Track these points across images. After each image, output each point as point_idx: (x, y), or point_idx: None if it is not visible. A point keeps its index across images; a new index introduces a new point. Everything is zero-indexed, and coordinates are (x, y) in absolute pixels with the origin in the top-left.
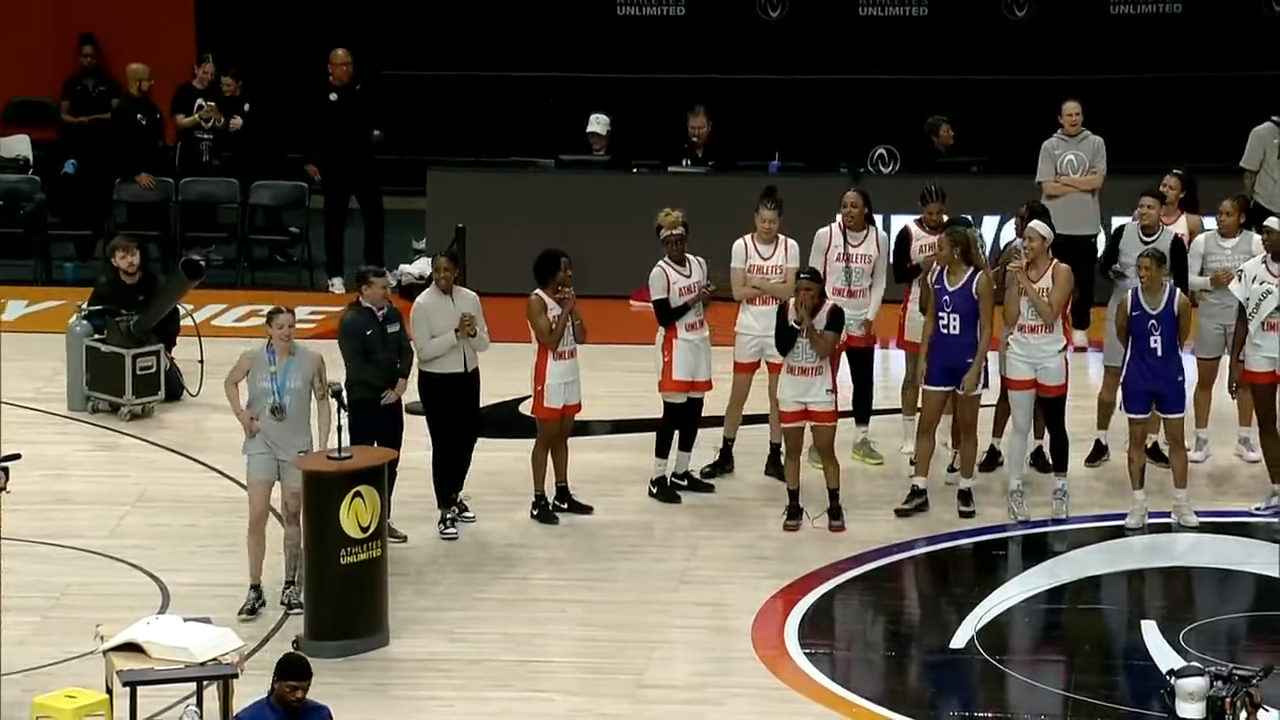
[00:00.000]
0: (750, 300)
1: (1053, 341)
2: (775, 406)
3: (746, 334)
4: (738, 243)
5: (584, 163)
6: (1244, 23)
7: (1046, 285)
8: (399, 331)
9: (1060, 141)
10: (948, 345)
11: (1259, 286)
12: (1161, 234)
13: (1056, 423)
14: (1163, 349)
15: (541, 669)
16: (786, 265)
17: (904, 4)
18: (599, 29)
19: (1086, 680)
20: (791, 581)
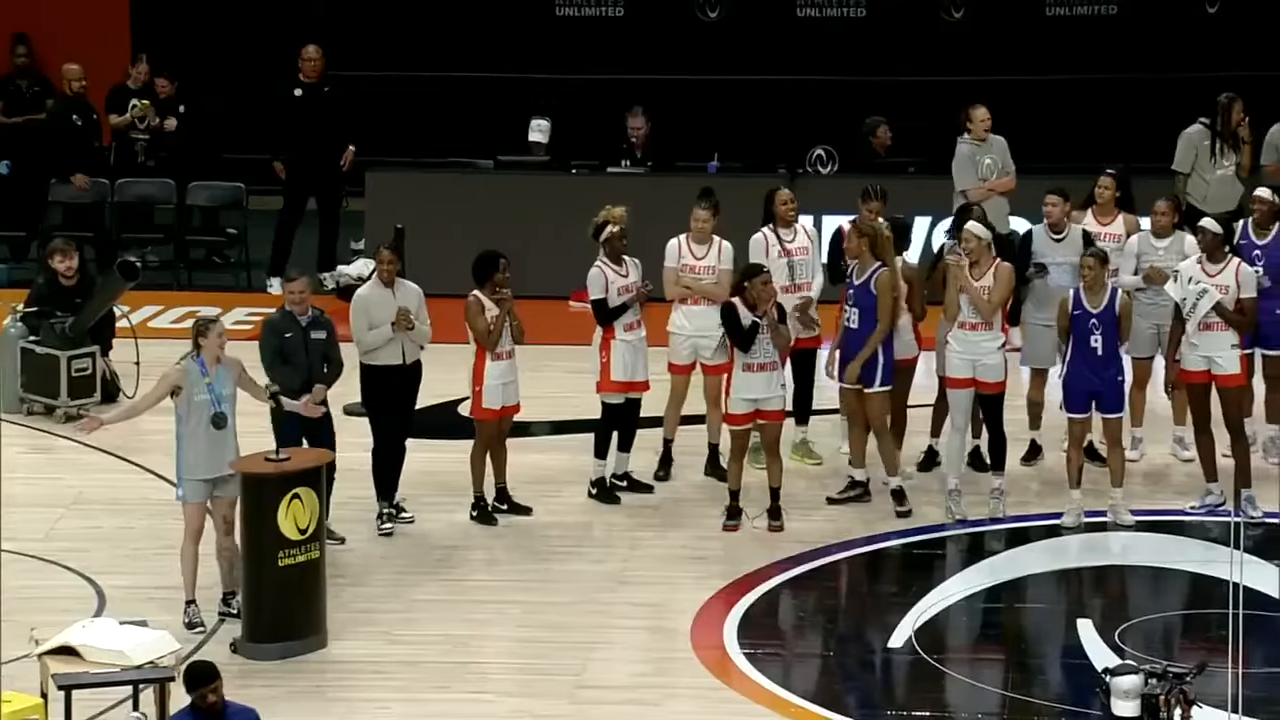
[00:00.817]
0: (682, 300)
1: (992, 339)
2: (712, 408)
3: (680, 334)
4: (671, 242)
5: (523, 163)
6: (1179, 25)
7: (989, 284)
8: (325, 340)
9: (974, 146)
10: (849, 340)
11: (1195, 287)
12: (1069, 231)
13: (995, 422)
14: (1104, 349)
15: (480, 670)
16: (719, 266)
17: (842, 5)
18: (538, 30)
19: (1023, 679)
20: (731, 582)
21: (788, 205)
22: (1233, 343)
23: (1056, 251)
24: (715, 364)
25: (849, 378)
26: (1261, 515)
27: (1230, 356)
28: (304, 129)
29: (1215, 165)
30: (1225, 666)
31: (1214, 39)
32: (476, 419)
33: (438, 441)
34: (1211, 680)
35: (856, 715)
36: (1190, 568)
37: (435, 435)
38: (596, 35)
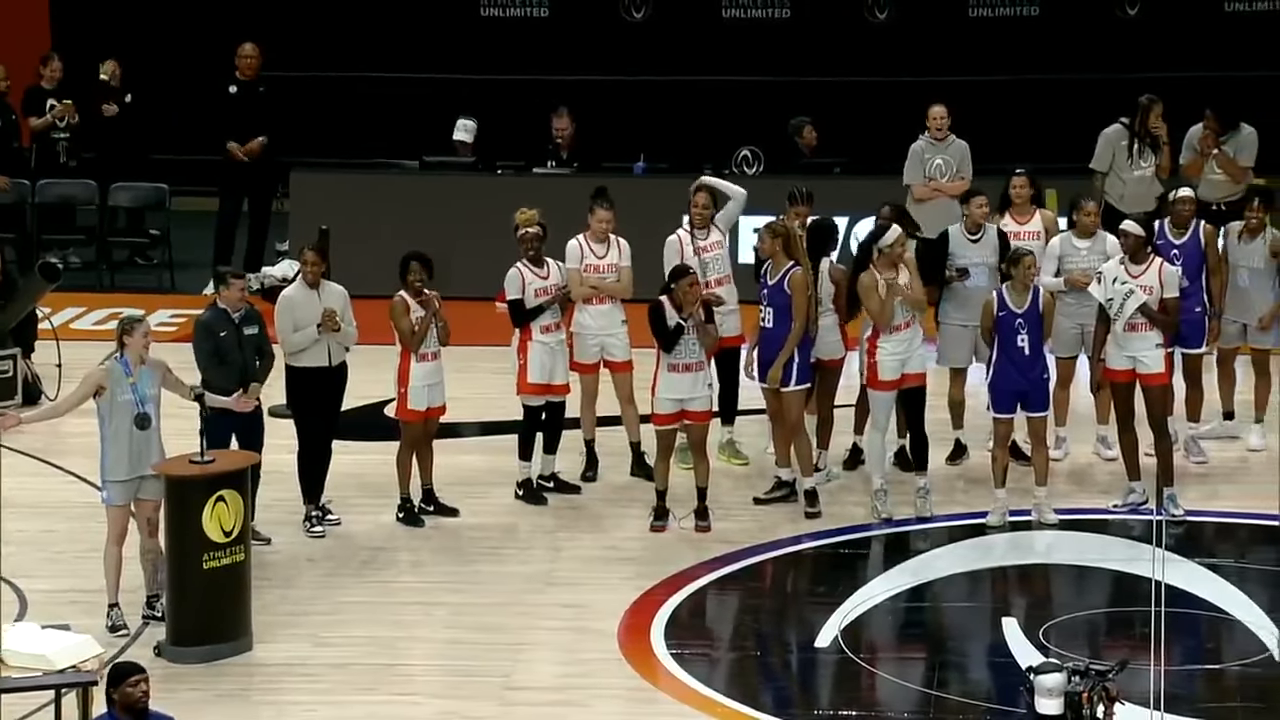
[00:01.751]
0: (587, 300)
1: (915, 334)
2: (626, 406)
3: (585, 334)
4: (571, 243)
5: (448, 164)
6: (1099, 26)
7: (905, 279)
8: (258, 334)
9: (928, 145)
10: (764, 339)
11: (1121, 288)
12: (985, 232)
13: (917, 420)
14: (1030, 348)
15: (406, 672)
16: (620, 264)
17: (767, 6)
18: (462, 30)
19: (949, 677)
20: (657, 582)
21: (700, 208)
22: (1157, 342)
23: (973, 252)
24: (621, 361)
25: (770, 379)
26: (1183, 514)
27: (1155, 355)
28: (237, 127)
29: (1133, 166)
30: (1147, 663)
31: (1134, 41)
32: (402, 420)
33: (363, 443)
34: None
35: (783, 715)
36: (1113, 566)
37: (361, 437)
38: (521, 36)
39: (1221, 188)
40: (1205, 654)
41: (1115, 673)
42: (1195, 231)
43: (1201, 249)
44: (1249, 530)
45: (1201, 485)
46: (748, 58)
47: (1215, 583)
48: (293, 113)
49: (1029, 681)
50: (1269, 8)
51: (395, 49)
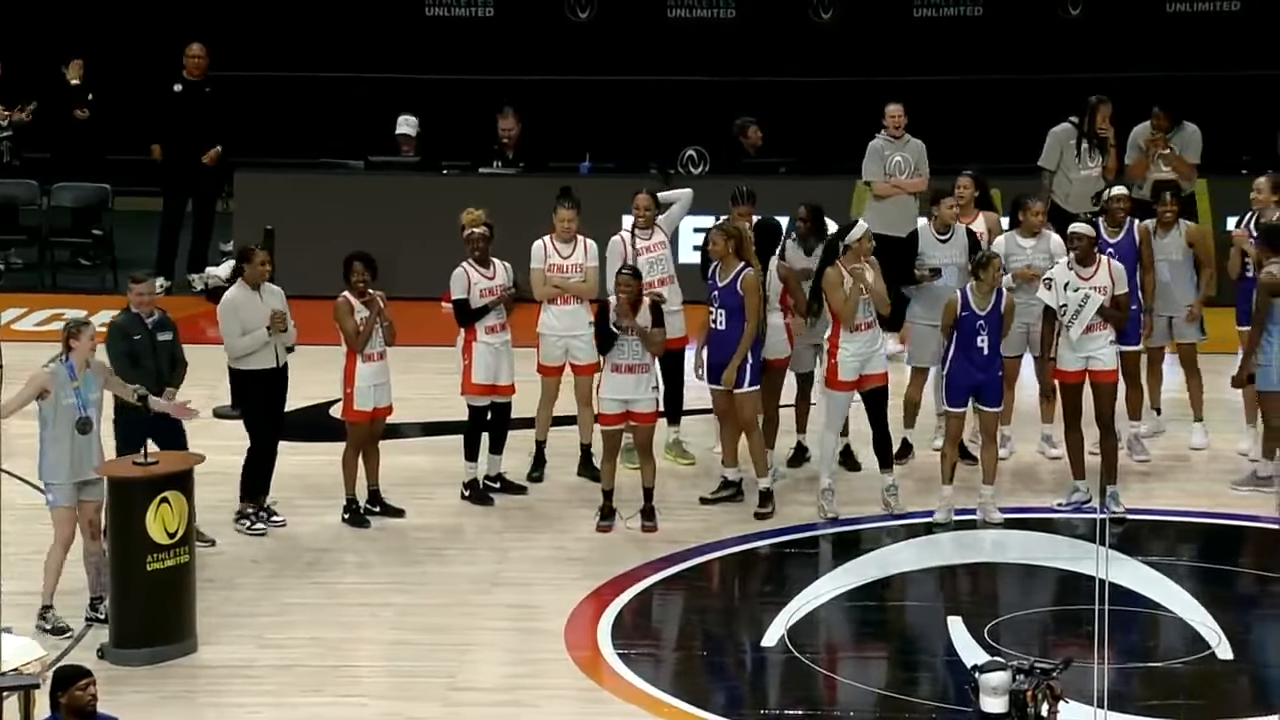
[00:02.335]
0: (551, 300)
1: (877, 335)
2: (583, 408)
3: (550, 335)
4: (537, 244)
5: (393, 164)
6: (1042, 26)
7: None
8: (171, 340)
9: (887, 143)
10: (715, 341)
11: (1077, 294)
12: (954, 232)
13: (879, 419)
14: (989, 349)
15: (352, 673)
16: (586, 264)
17: (712, 6)
18: (407, 30)
19: (895, 676)
20: (604, 582)
21: (642, 210)
22: (1110, 339)
23: (943, 252)
24: (585, 364)
25: (725, 381)
26: (1124, 511)
27: (1108, 353)
28: (181, 126)
29: (1080, 166)
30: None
31: (1076, 41)
32: (348, 421)
33: (309, 444)
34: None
35: (729, 715)
36: (1057, 564)
37: (307, 438)
38: (466, 36)
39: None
40: (1148, 651)
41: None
42: (1130, 230)
43: (1136, 247)
44: (1191, 528)
45: (1145, 483)
46: (693, 57)
47: (1158, 580)
48: (237, 112)
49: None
50: (1210, 8)
51: (340, 49)
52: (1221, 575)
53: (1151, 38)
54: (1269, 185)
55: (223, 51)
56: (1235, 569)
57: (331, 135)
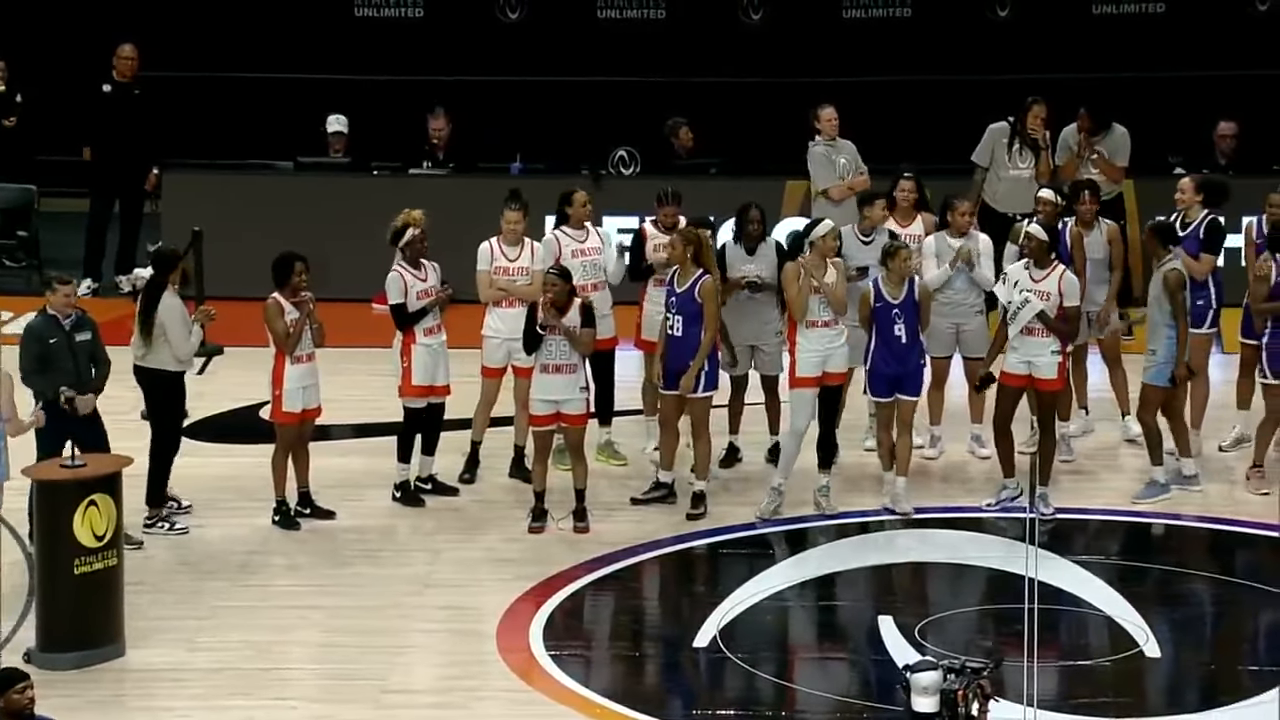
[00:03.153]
0: (496, 303)
1: (839, 334)
2: (521, 410)
3: (495, 337)
4: (483, 245)
5: (323, 165)
6: (971, 28)
7: (832, 280)
8: (91, 340)
9: (828, 147)
10: (673, 347)
11: (1019, 296)
12: (877, 235)
13: (830, 418)
14: (906, 336)
15: (283, 676)
16: (532, 267)
17: (642, 7)
18: (336, 30)
19: (827, 676)
20: (536, 584)
21: (586, 206)
22: (1053, 349)
23: (865, 254)
24: (527, 366)
25: (684, 388)
26: (1052, 512)
27: (1050, 362)
28: (110, 127)
29: (1011, 165)
30: (1021, 660)
31: (1004, 42)
32: (277, 423)
33: (238, 446)
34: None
35: (661, 715)
36: (987, 564)
37: (235, 440)
38: (396, 36)
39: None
40: (1077, 650)
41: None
42: (1062, 233)
43: (1068, 249)
44: (1119, 527)
45: (1074, 482)
46: (623, 58)
47: (1087, 579)
48: (166, 113)
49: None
50: (1136, 10)
51: (269, 49)
52: (1148, 573)
53: (1078, 39)
54: (1192, 186)
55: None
56: (1162, 567)
57: (261, 136)
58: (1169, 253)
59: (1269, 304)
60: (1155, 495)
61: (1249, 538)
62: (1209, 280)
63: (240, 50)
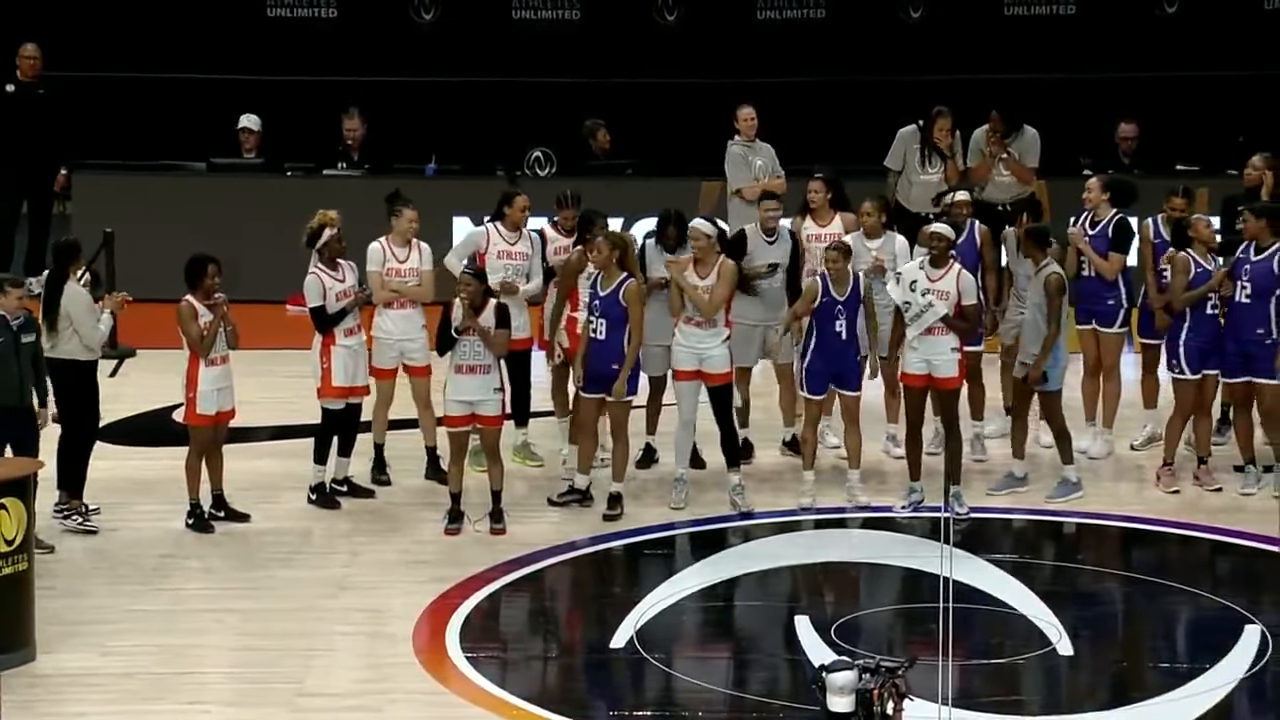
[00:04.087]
0: (387, 304)
1: (716, 334)
2: (423, 410)
3: (385, 338)
4: (373, 246)
5: (236, 166)
6: (884, 29)
7: (712, 281)
8: (34, 342)
9: (745, 147)
10: (596, 351)
11: (924, 299)
12: (780, 234)
13: (724, 417)
14: (846, 333)
15: (197, 680)
16: (421, 268)
17: (556, 8)
18: (249, 31)
19: (743, 676)
20: (453, 585)
21: (524, 212)
22: (952, 346)
23: (769, 254)
24: (420, 366)
25: (616, 393)
26: (968, 511)
27: (950, 360)
28: (14, 127)
29: (922, 170)
30: (936, 659)
31: (918, 43)
32: (191, 425)
33: (151, 449)
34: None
35: (577, 716)
36: (902, 563)
37: (149, 442)
38: (310, 37)
39: (1009, 189)
40: (991, 648)
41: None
42: (971, 232)
43: (978, 249)
44: (1033, 526)
45: (989, 481)
46: (539, 59)
47: (1001, 578)
48: (75, 113)
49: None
50: (1047, 12)
51: (181, 49)
52: (1062, 572)
53: (991, 40)
54: (1099, 186)
55: (59, 52)
56: (1076, 565)
57: (173, 137)
58: (1046, 256)
59: (1190, 293)
60: (1067, 494)
61: (1161, 536)
62: (1119, 280)
63: (152, 50)
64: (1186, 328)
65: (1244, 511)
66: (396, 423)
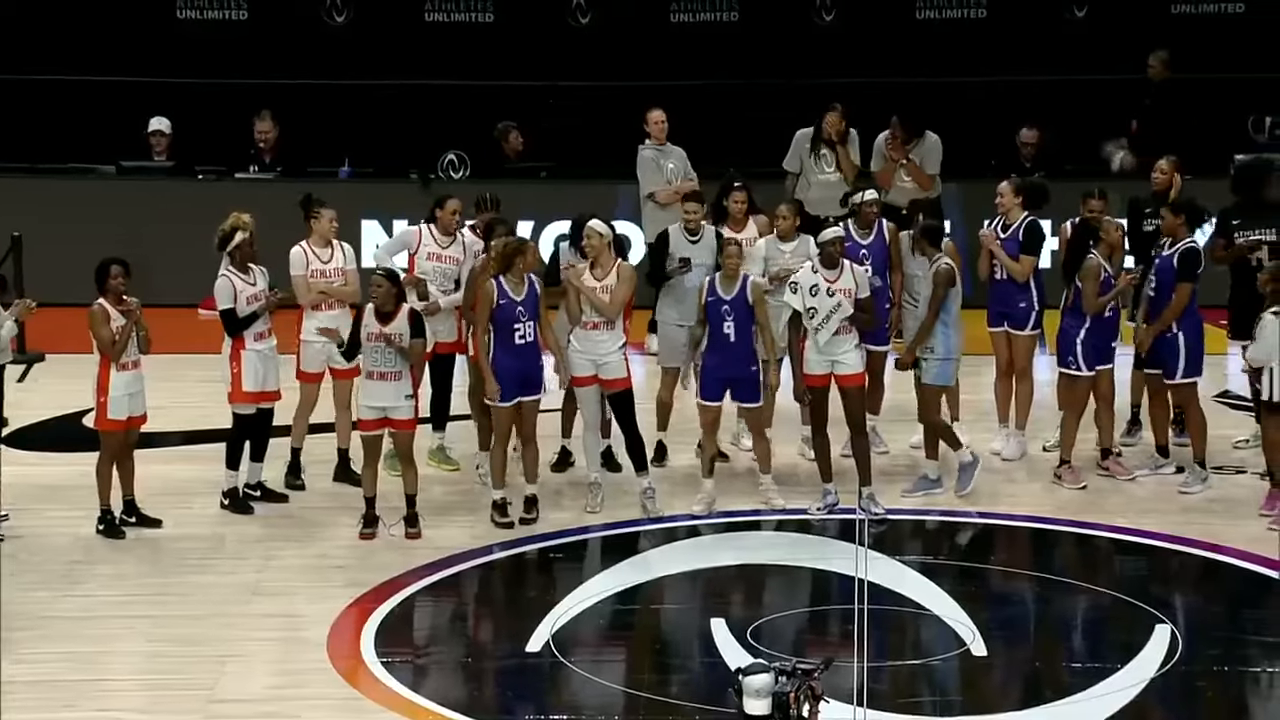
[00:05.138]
0: (315, 306)
1: (613, 339)
2: (341, 412)
3: (314, 342)
4: (295, 249)
5: (146, 169)
6: (797, 32)
7: (611, 283)
8: None
9: (657, 151)
10: (520, 356)
11: (828, 300)
12: (703, 233)
13: (627, 422)
14: (735, 334)
15: (109, 687)
16: (346, 267)
17: (469, 10)
18: (159, 32)
19: (659, 680)
20: (367, 590)
21: (455, 215)
22: (855, 343)
23: (693, 252)
24: (345, 369)
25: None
26: (883, 512)
27: (854, 356)
28: None
29: (819, 170)
30: (851, 661)
31: (828, 47)
32: (102, 430)
33: (62, 454)
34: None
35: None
36: (817, 565)
37: (59, 447)
38: (221, 38)
39: (909, 194)
40: (906, 649)
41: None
42: (880, 231)
43: (887, 247)
44: (947, 527)
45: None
46: (452, 61)
47: (915, 579)
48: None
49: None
50: (958, 15)
51: (90, 51)
52: (975, 572)
53: (903, 44)
54: (1011, 189)
55: None
56: (988, 566)
57: (82, 139)
58: (938, 251)
59: (1102, 299)
60: (927, 489)
61: (1073, 536)
62: (1030, 282)
63: (61, 52)
64: (1085, 327)
65: (1156, 513)
66: (313, 427)
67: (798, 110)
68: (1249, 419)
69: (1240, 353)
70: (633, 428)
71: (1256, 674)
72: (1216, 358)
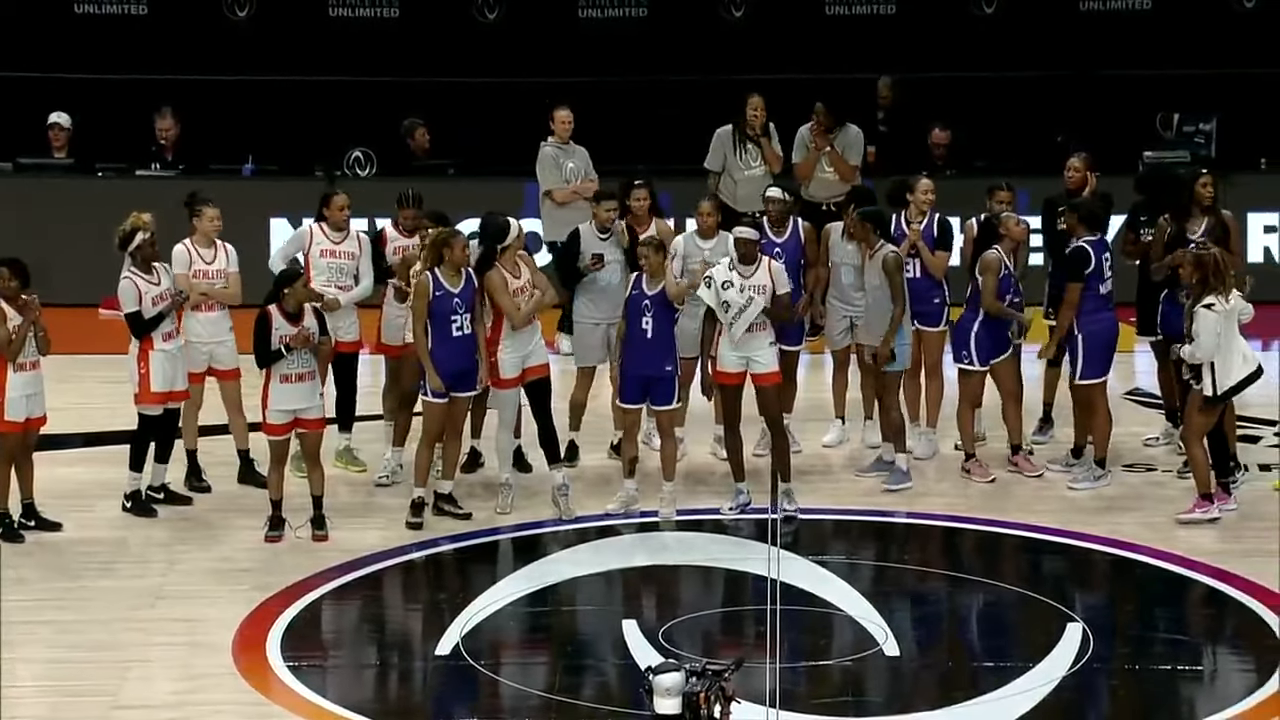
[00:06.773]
0: (196, 307)
1: (532, 330)
2: (234, 414)
3: (195, 341)
4: (178, 248)
5: (45, 166)
6: (706, 28)
7: (527, 278)
8: None
9: (558, 149)
10: (456, 349)
11: (740, 296)
12: (613, 231)
13: (544, 410)
14: (653, 332)
15: (8, 695)
16: (229, 269)
17: (375, 5)
18: (56, 27)
19: (571, 681)
20: (274, 593)
21: (343, 211)
22: (770, 340)
23: (604, 249)
24: (229, 369)
25: (483, 383)
26: (798, 510)
27: (769, 354)
28: None
29: (744, 166)
30: (763, 661)
31: (740, 43)
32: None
33: None
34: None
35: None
36: (730, 565)
37: None
38: (120, 33)
39: (831, 187)
40: (818, 649)
41: (731, 672)
42: (795, 229)
43: (801, 245)
44: (859, 526)
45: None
46: (356, 57)
47: (827, 578)
48: None
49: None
50: (867, 11)
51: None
52: (887, 572)
53: (812, 40)
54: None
55: None
56: (901, 565)
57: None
58: (879, 239)
59: (999, 304)
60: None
61: (985, 535)
62: (942, 280)
63: None
64: (980, 320)
65: (1066, 511)
66: (206, 428)
67: (708, 107)
68: (1159, 416)
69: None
70: (547, 418)
71: (1167, 672)
72: (1125, 355)
